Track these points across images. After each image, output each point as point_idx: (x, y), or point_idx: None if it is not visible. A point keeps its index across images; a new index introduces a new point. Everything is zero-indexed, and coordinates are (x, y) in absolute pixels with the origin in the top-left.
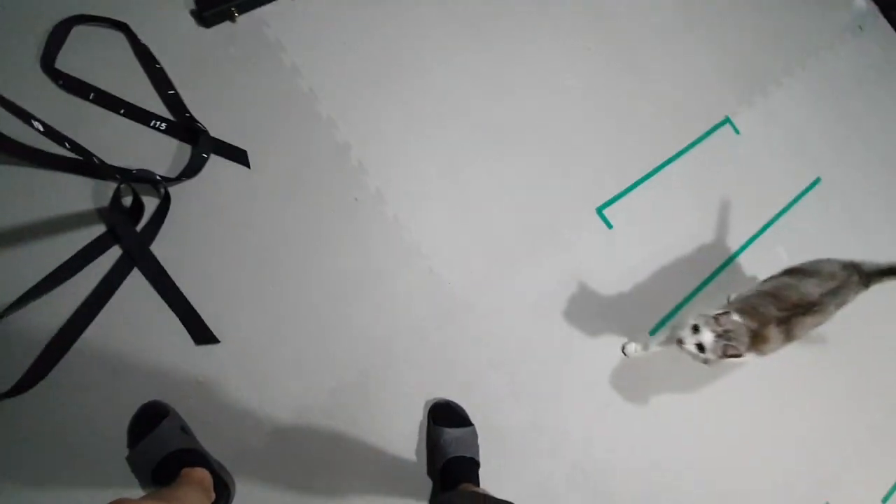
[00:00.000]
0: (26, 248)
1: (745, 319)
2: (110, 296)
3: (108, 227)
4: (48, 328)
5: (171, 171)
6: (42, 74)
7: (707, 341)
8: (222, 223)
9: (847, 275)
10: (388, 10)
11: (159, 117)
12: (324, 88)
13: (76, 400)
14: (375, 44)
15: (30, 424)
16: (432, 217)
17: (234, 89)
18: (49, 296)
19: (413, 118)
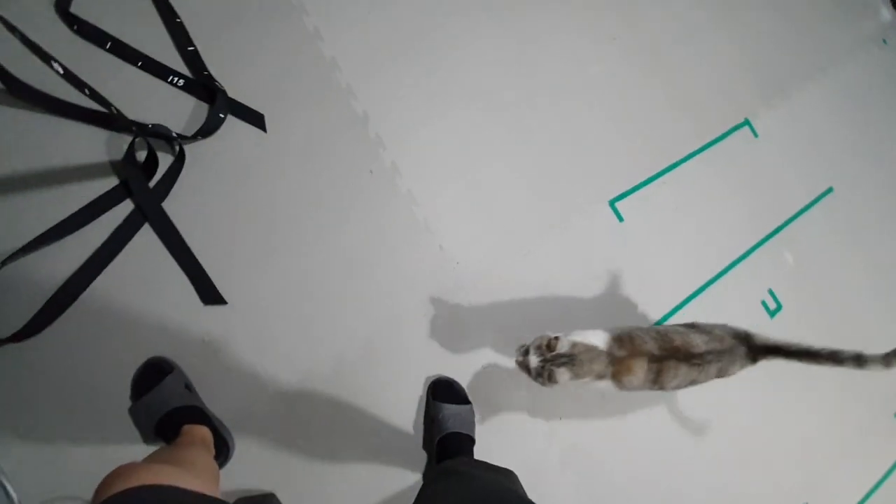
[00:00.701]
0: (37, 195)
1: (613, 346)
2: (120, 249)
3: (120, 181)
4: (56, 277)
5: (187, 130)
6: (56, 18)
7: (532, 365)
8: (235, 186)
9: (735, 343)
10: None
11: (177, 73)
12: (345, 57)
13: (80, 351)
14: (401, 17)
15: (31, 372)
16: (445, 195)
17: (255, 51)
18: (58, 245)
19: (433, 95)
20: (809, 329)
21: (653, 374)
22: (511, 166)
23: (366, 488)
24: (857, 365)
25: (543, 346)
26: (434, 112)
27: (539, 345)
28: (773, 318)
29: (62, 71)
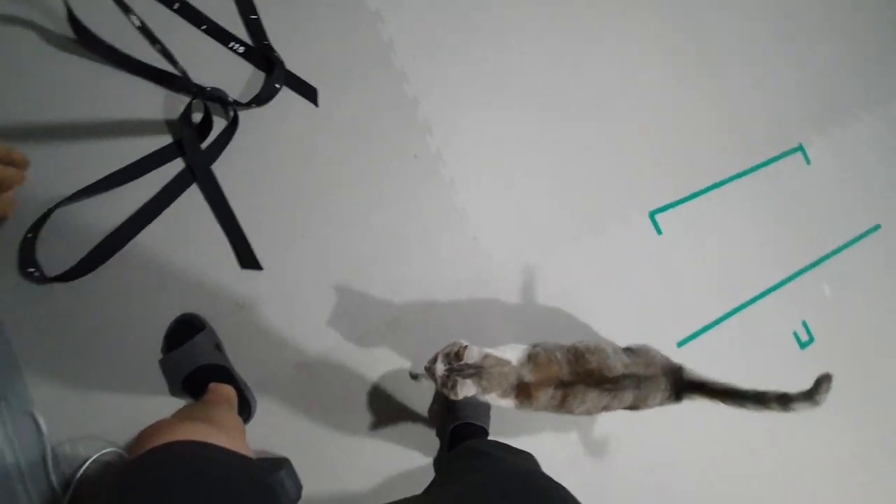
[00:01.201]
0: (95, 144)
1: (525, 366)
2: (167, 206)
3: (175, 140)
4: (104, 225)
5: (243, 97)
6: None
7: (439, 373)
8: (283, 156)
9: (659, 373)
10: None
11: (238, 40)
12: (402, 40)
13: (119, 298)
14: (460, 7)
15: (72, 312)
16: (485, 187)
17: (315, 26)
18: (110, 195)
19: (485, 87)
20: (840, 365)
21: (557, 400)
22: (554, 166)
23: (374, 464)
24: (782, 408)
25: (452, 354)
26: (483, 104)
27: (448, 352)
28: (803, 349)
29: (139, 24)
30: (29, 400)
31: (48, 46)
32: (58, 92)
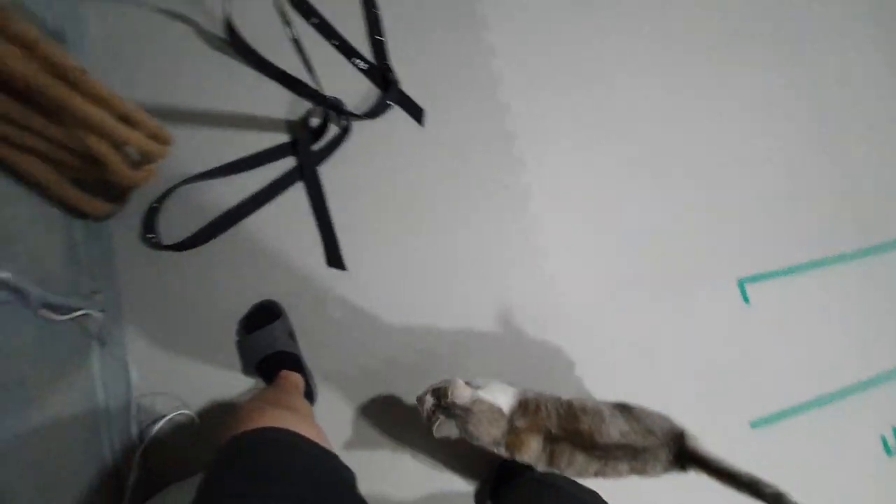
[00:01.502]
0: (224, 133)
1: (517, 412)
2: (273, 198)
3: (291, 139)
4: (217, 207)
5: (357, 108)
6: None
7: (426, 405)
8: (383, 168)
9: (660, 444)
10: (597, 22)
11: (362, 57)
12: (512, 75)
13: (215, 274)
14: (571, 49)
15: (174, 279)
16: (571, 229)
17: (432, 52)
18: (227, 180)
19: (586, 130)
20: None
21: (546, 454)
22: (645, 217)
23: (415, 479)
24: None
25: (441, 391)
26: (582, 147)
27: (439, 387)
28: (890, 456)
29: (294, 36)
30: (125, 349)
31: (201, 43)
32: (202, 83)
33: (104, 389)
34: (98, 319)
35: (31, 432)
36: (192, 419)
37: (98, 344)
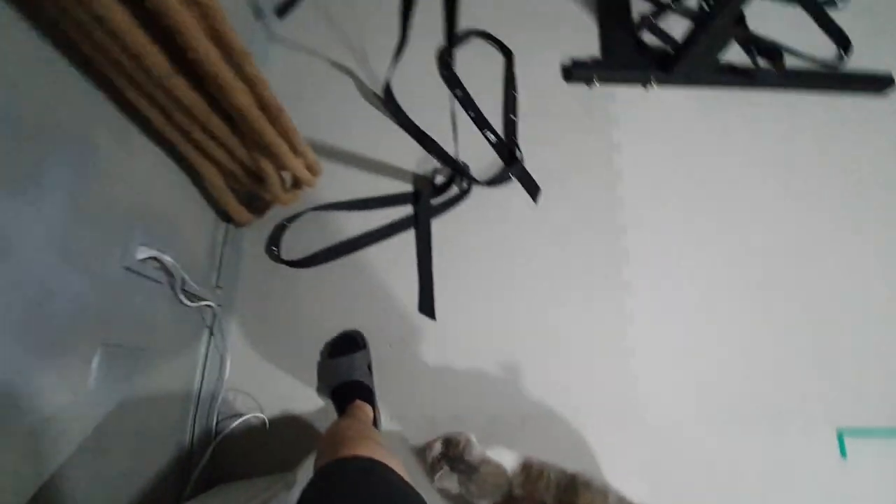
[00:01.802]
0: (358, 173)
1: (518, 477)
2: (385, 238)
3: (414, 190)
4: (335, 235)
5: (479, 175)
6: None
7: (433, 453)
8: (490, 233)
9: None
10: (728, 142)
11: (493, 130)
12: (631, 173)
13: (317, 295)
14: (697, 161)
15: (283, 291)
16: (664, 334)
17: (559, 138)
18: (349, 213)
19: (697, 240)
20: None
21: None
22: (746, 340)
23: None
24: None
25: (454, 442)
26: (691, 258)
27: (451, 438)
28: None
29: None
30: (226, 344)
31: (359, 95)
32: (351, 128)
33: (201, 376)
34: (215, 312)
35: (138, 400)
36: (263, 423)
37: (209, 334)
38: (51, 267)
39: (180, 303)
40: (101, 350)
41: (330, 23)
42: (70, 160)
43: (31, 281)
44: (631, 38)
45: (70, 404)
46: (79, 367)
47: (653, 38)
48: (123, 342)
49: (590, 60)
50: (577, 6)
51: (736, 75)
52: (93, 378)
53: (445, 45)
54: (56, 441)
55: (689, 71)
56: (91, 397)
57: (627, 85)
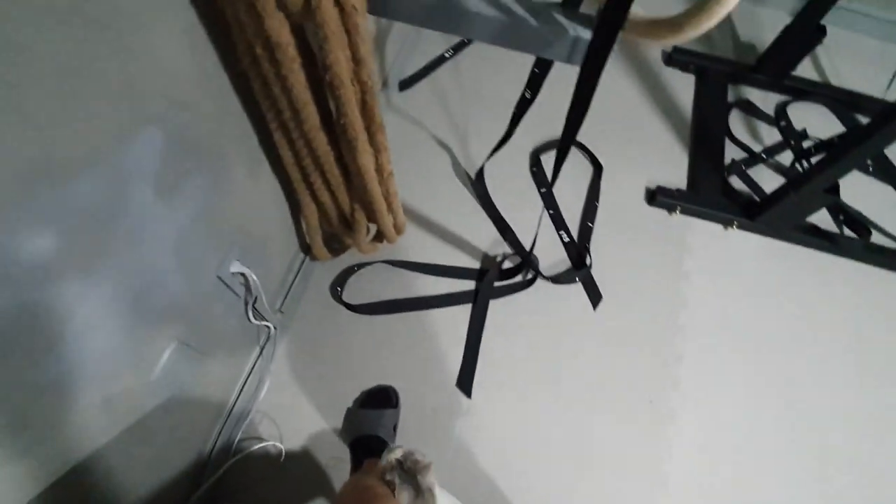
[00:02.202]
0: (433, 239)
1: None
2: (444, 306)
3: (481, 268)
4: (396, 291)
5: (545, 270)
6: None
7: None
8: (544, 329)
9: None
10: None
11: (568, 232)
12: (697, 304)
13: (365, 343)
14: (762, 306)
15: (336, 330)
16: (700, 475)
17: (631, 254)
18: (415, 274)
19: (750, 384)
20: None
21: None
22: None
23: None
24: None
25: (412, 460)
26: (739, 402)
27: (415, 457)
28: None
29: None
30: (271, 366)
31: (451, 171)
32: (437, 198)
33: (239, 392)
34: (270, 334)
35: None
36: (280, 453)
37: (258, 353)
38: (165, 263)
39: (247, 318)
40: (174, 345)
41: (441, 102)
42: (210, 178)
43: (148, 270)
44: (719, 178)
45: (132, 389)
46: (152, 356)
47: (741, 183)
48: (191, 343)
49: (675, 190)
50: (672, 138)
51: (819, 238)
52: (159, 369)
53: (539, 146)
54: (107, 420)
55: (773, 223)
56: (150, 387)
57: (708, 220)
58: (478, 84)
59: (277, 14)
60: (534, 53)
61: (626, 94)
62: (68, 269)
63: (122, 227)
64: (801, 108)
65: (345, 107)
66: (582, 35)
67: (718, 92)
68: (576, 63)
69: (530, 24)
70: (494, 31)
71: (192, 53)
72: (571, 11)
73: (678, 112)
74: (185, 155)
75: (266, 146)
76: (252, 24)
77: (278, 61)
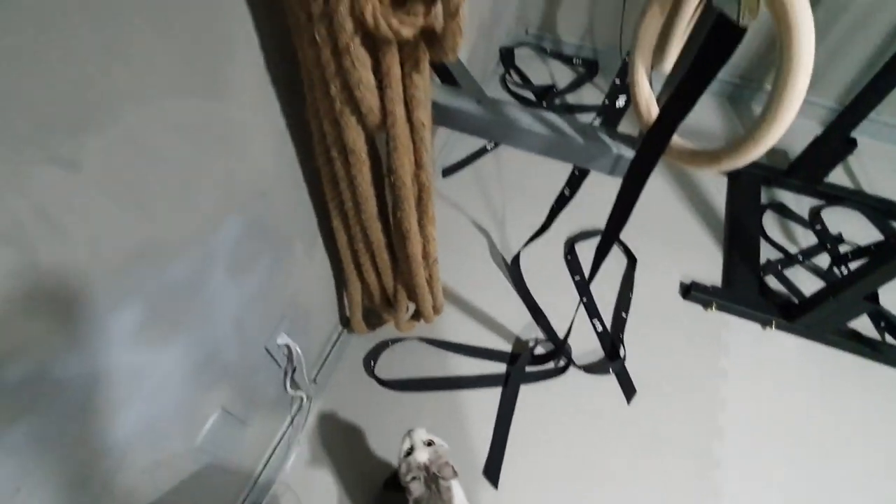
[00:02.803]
0: (466, 320)
1: None
2: (472, 388)
3: (512, 352)
4: (427, 370)
5: (578, 358)
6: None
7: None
8: (575, 419)
9: None
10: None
11: (602, 321)
12: (736, 406)
13: (394, 419)
14: (803, 410)
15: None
16: None
17: (666, 348)
18: (446, 353)
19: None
20: None
21: None
22: None
23: None
24: None
25: (441, 464)
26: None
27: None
28: None
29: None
30: (299, 436)
31: (489, 254)
32: (475, 280)
33: (266, 461)
34: (303, 405)
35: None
36: None
37: (289, 422)
38: (227, 333)
39: (284, 388)
40: (218, 412)
41: (482, 189)
42: (273, 257)
43: (210, 341)
44: (755, 277)
45: (178, 453)
46: (198, 422)
47: (778, 283)
48: (233, 411)
49: (710, 286)
50: (705, 235)
51: (860, 344)
52: (202, 435)
53: (574, 236)
54: (151, 484)
55: (812, 326)
56: (193, 453)
57: (745, 318)
58: (517, 176)
59: (357, 127)
60: (579, 164)
61: (660, 190)
62: (150, 338)
63: (198, 302)
64: (836, 213)
65: (403, 203)
66: (625, 154)
67: (752, 193)
68: (618, 176)
69: (577, 141)
70: (544, 144)
71: (277, 152)
72: (613, 131)
73: (711, 210)
74: (257, 237)
75: (324, 229)
76: (333, 133)
77: (350, 163)
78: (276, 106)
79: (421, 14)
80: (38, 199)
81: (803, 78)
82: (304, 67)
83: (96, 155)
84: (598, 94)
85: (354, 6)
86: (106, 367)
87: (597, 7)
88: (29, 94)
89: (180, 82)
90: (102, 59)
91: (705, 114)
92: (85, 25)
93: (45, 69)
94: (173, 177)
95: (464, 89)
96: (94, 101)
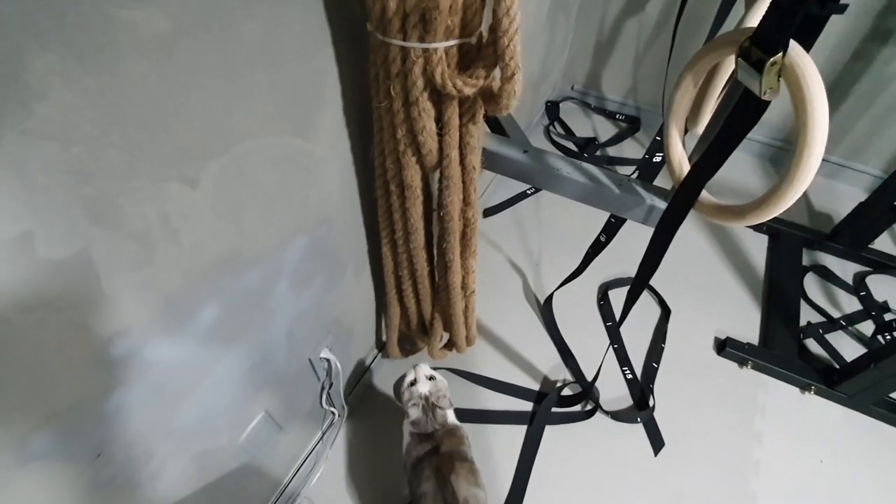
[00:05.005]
0: (495, 355)
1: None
2: (497, 423)
3: (539, 391)
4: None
5: (605, 404)
6: (595, 290)
7: (422, 391)
8: (599, 465)
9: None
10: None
11: (632, 370)
12: (770, 471)
13: None
14: (844, 483)
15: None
16: None
17: (697, 402)
18: (473, 386)
19: None
20: None
21: None
22: None
23: None
24: None
25: (437, 394)
26: None
27: (440, 394)
28: None
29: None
30: (326, 452)
31: (522, 293)
32: (508, 318)
33: (294, 473)
34: (334, 419)
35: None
36: None
37: (319, 437)
38: (279, 340)
39: (320, 402)
40: (261, 414)
41: (520, 231)
42: (327, 276)
43: (266, 345)
44: (794, 339)
45: (223, 447)
46: (244, 420)
47: (818, 347)
48: (274, 416)
49: (746, 344)
50: (743, 292)
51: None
52: (246, 434)
53: (606, 284)
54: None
55: (854, 394)
56: (235, 450)
57: (782, 380)
58: (554, 220)
59: (416, 166)
60: (614, 213)
61: (698, 243)
62: (221, 335)
63: (263, 309)
64: (881, 281)
65: (450, 235)
66: (657, 204)
67: (793, 254)
68: (650, 225)
69: (613, 191)
70: (582, 192)
71: (343, 184)
72: (649, 184)
73: (750, 268)
74: (317, 257)
75: (372, 255)
76: (393, 170)
77: (406, 197)
78: (347, 144)
79: (482, 77)
80: (165, 208)
81: (818, 149)
82: (377, 114)
83: (210, 176)
84: (638, 149)
85: (427, 68)
86: (182, 356)
87: (641, 68)
88: (175, 126)
89: (280, 123)
90: (229, 104)
91: (749, 173)
92: (221, 77)
93: (187, 109)
94: (263, 199)
95: (511, 139)
96: (217, 135)
